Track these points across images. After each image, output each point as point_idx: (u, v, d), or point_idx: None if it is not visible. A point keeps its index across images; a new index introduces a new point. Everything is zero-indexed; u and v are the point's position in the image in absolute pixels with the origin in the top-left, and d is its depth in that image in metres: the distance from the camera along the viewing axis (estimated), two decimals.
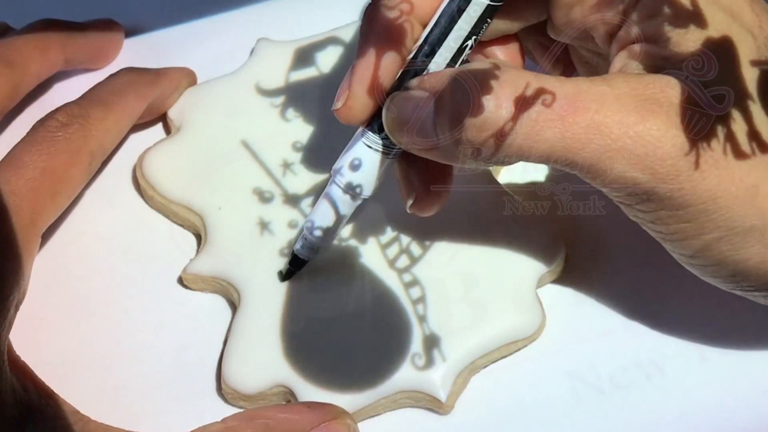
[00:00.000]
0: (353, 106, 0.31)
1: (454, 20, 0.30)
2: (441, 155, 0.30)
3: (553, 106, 0.28)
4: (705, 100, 0.28)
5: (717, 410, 0.34)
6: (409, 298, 0.35)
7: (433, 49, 0.31)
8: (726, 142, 0.28)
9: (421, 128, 0.30)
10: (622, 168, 0.28)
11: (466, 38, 0.30)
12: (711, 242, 0.30)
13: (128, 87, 0.38)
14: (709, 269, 0.31)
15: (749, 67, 0.30)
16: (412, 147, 0.31)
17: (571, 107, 0.28)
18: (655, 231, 0.31)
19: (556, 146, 0.28)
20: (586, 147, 0.28)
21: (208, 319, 0.36)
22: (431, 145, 0.30)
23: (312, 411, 0.32)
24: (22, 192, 0.34)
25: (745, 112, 0.29)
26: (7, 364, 0.31)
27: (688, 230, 0.29)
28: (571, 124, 0.28)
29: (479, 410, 0.34)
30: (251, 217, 0.37)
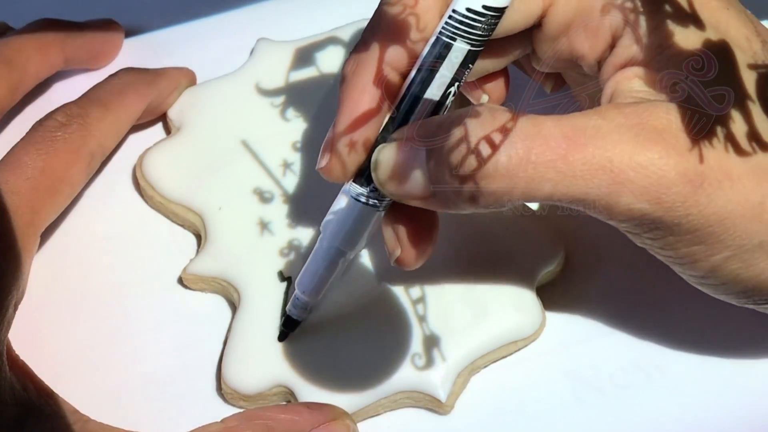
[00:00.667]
0: (338, 163, 0.30)
1: (436, 68, 0.29)
2: (437, 203, 0.29)
3: (551, 145, 0.28)
4: (705, 100, 0.28)
5: (717, 410, 0.34)
6: (409, 298, 0.35)
7: (417, 98, 0.30)
8: (726, 141, 0.28)
9: (414, 178, 0.29)
10: (628, 201, 0.28)
11: (449, 85, 0.29)
12: (721, 262, 0.29)
13: (128, 87, 0.38)
14: (720, 288, 0.31)
15: (747, 71, 0.30)
16: (405, 198, 0.30)
17: (569, 145, 0.28)
18: (663, 256, 0.30)
19: (558, 186, 0.28)
20: (589, 184, 0.28)
21: (208, 319, 0.36)
22: (426, 194, 0.29)
23: (312, 412, 0.32)
24: (22, 192, 0.34)
25: (745, 112, 0.29)
26: (6, 364, 0.31)
27: (697, 253, 0.29)
28: (572, 163, 0.28)
29: (479, 410, 0.34)
30: (251, 217, 0.37)
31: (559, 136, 0.28)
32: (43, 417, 0.31)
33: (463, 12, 0.29)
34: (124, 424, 0.32)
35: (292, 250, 0.36)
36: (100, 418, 0.32)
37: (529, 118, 0.28)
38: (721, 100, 0.28)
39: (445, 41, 0.29)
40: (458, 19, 0.29)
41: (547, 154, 0.28)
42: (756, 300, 0.31)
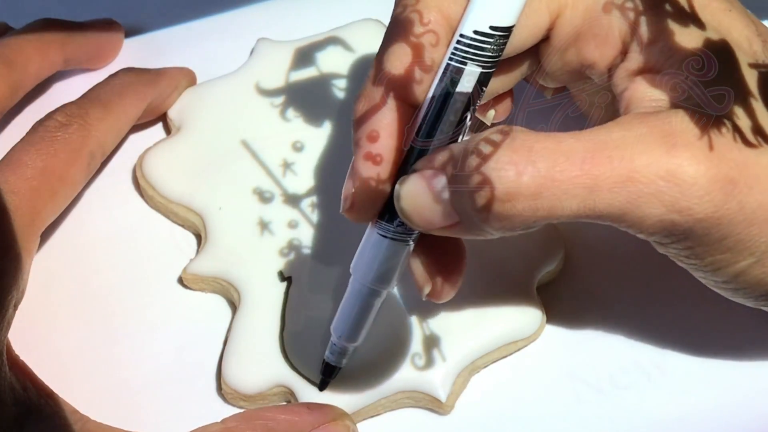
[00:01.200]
0: (362, 204, 0.30)
1: (450, 94, 0.29)
2: (462, 231, 0.29)
3: (574, 161, 0.27)
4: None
5: (717, 410, 0.34)
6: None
7: (434, 126, 0.29)
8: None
9: (436, 207, 0.28)
10: (659, 212, 0.27)
11: (464, 110, 0.29)
12: (745, 268, 0.29)
13: (128, 87, 0.38)
14: (740, 291, 0.31)
15: (749, 70, 0.29)
16: (429, 227, 0.29)
17: (593, 159, 0.27)
18: (687, 263, 0.30)
19: (585, 202, 0.27)
20: (617, 197, 0.27)
21: (208, 319, 0.36)
22: (450, 222, 0.28)
23: (312, 412, 0.32)
24: (22, 192, 0.34)
25: (748, 109, 0.29)
26: (6, 364, 0.31)
27: (723, 261, 0.29)
28: (597, 177, 0.27)
29: (479, 410, 0.34)
30: (251, 217, 0.37)
31: (581, 151, 0.27)
32: (43, 417, 0.31)
33: (471, 35, 0.29)
34: (124, 424, 0.32)
35: (292, 250, 0.36)
36: (100, 418, 0.32)
37: (549, 135, 0.28)
38: (721, 100, 0.28)
39: (456, 66, 0.29)
40: (466, 43, 0.29)
41: (570, 170, 0.27)
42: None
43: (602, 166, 0.27)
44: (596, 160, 0.27)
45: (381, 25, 0.42)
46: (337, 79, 0.40)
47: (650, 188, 0.27)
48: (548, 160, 0.27)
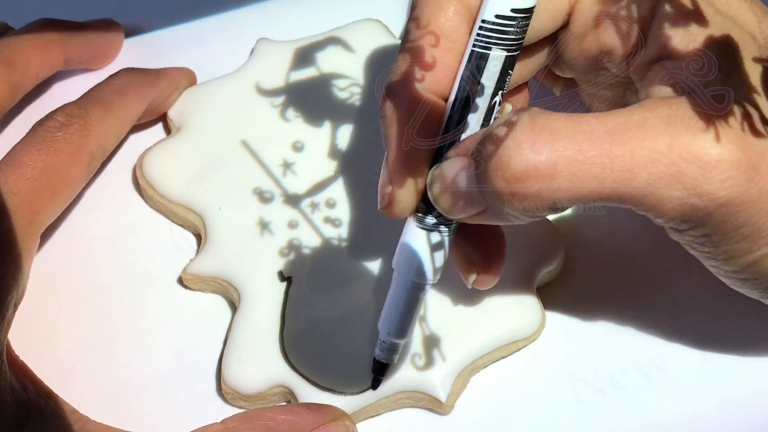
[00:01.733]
0: (399, 200, 0.30)
1: (477, 80, 0.29)
2: (492, 216, 0.29)
3: (595, 141, 0.27)
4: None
5: (717, 410, 0.34)
6: None
7: (463, 115, 0.29)
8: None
9: (467, 193, 0.28)
10: (680, 195, 0.27)
11: (493, 95, 0.29)
12: (759, 258, 0.29)
13: (128, 87, 0.38)
14: (749, 282, 0.30)
15: (753, 65, 0.29)
16: (462, 216, 0.29)
17: (614, 140, 0.27)
18: (701, 251, 0.30)
19: (604, 182, 0.27)
20: (637, 177, 0.27)
21: (208, 319, 0.36)
22: (480, 208, 0.29)
23: (312, 413, 0.32)
24: (22, 192, 0.34)
25: (752, 104, 0.28)
26: (6, 364, 0.31)
27: (737, 250, 0.29)
28: (618, 157, 0.27)
29: (479, 410, 0.34)
30: (251, 217, 0.37)
31: (602, 132, 0.27)
32: (42, 417, 0.31)
33: (493, 20, 0.29)
34: (124, 424, 0.32)
35: (292, 250, 0.36)
36: (100, 418, 0.32)
37: (569, 116, 0.27)
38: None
39: (480, 52, 0.29)
40: (489, 28, 0.29)
41: (590, 150, 0.27)
42: None
43: (623, 146, 0.27)
44: (617, 141, 0.27)
45: (381, 25, 0.42)
46: (337, 79, 0.40)
47: (672, 170, 0.27)
48: (567, 139, 0.27)
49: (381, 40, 0.42)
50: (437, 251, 0.31)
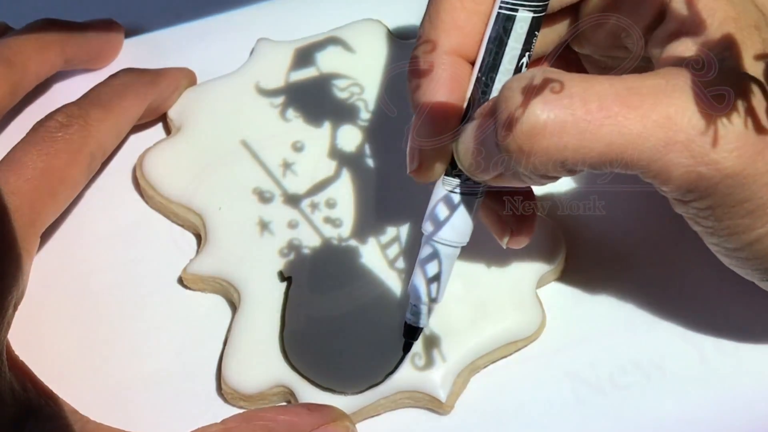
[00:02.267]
0: (428, 162, 0.30)
1: (504, 42, 0.29)
2: (509, 177, 0.29)
3: (606, 103, 0.27)
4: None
5: (717, 410, 0.34)
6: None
7: (490, 77, 0.30)
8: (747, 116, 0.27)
9: (488, 154, 0.29)
10: (687, 163, 0.27)
11: (520, 56, 0.30)
12: (761, 236, 0.29)
13: (128, 87, 0.38)
14: (750, 262, 0.30)
15: (754, 61, 0.29)
16: (484, 175, 0.29)
17: (625, 102, 0.27)
18: (704, 226, 0.30)
19: (613, 144, 0.27)
20: (645, 142, 0.27)
21: (208, 319, 0.36)
22: (500, 169, 0.29)
23: (311, 413, 0.32)
24: (22, 192, 0.34)
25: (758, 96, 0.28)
26: (6, 364, 0.31)
27: (740, 225, 0.29)
28: (628, 120, 0.27)
29: (479, 410, 0.34)
30: (251, 217, 0.37)
31: (613, 94, 0.27)
32: (43, 417, 0.31)
33: None
34: (124, 424, 0.32)
35: (292, 250, 0.36)
36: (100, 418, 0.32)
37: (584, 77, 0.28)
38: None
39: (507, 14, 0.29)
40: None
41: (600, 111, 0.27)
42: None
43: (634, 110, 0.27)
44: (628, 104, 0.27)
45: (381, 25, 0.42)
46: (337, 79, 0.40)
47: (680, 136, 0.27)
48: (578, 98, 0.27)
49: (381, 40, 0.42)
50: (466, 214, 0.31)
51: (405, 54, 0.41)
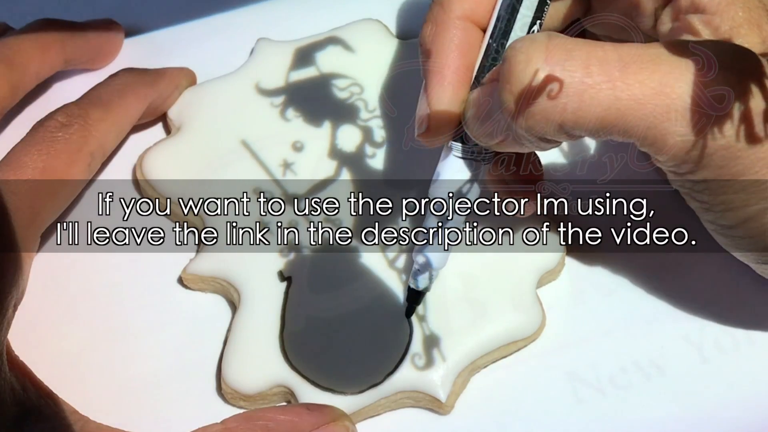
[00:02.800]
0: (437, 126, 0.31)
1: (516, 9, 0.30)
2: (513, 142, 0.29)
3: (607, 68, 0.27)
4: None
5: (717, 410, 0.34)
6: None
7: (501, 44, 0.30)
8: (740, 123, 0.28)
9: (491, 118, 0.29)
10: (683, 131, 0.27)
11: (531, 24, 0.30)
12: (755, 213, 0.29)
13: (128, 87, 0.38)
14: (745, 241, 0.30)
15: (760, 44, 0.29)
16: (489, 140, 0.30)
17: (626, 68, 0.27)
18: (699, 200, 0.30)
19: (610, 108, 0.27)
20: (643, 108, 0.27)
21: (208, 319, 0.36)
22: (504, 134, 0.29)
23: (311, 413, 0.32)
24: (22, 192, 0.34)
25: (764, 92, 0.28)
26: (6, 364, 0.31)
27: (735, 201, 0.29)
28: (627, 85, 0.27)
29: (479, 410, 0.34)
30: (251, 217, 0.37)
31: (616, 60, 0.27)
32: (42, 417, 0.31)
33: None
34: (124, 424, 0.32)
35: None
36: (100, 418, 0.32)
37: (586, 42, 0.28)
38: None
39: None
40: None
41: (601, 75, 0.27)
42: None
43: (634, 76, 0.27)
44: (628, 70, 0.27)
45: (381, 25, 0.42)
46: (337, 79, 0.40)
47: (677, 104, 0.27)
48: (580, 61, 0.27)
49: (381, 40, 0.42)
50: (473, 180, 0.32)
51: (405, 54, 0.41)
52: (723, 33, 0.30)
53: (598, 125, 0.27)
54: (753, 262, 0.32)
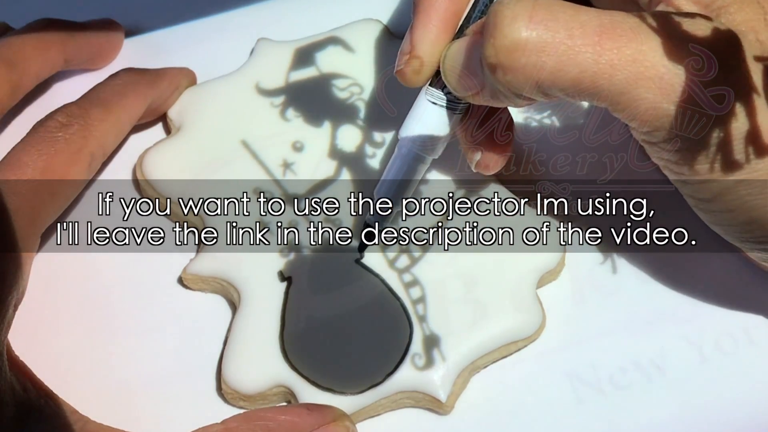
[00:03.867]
0: (415, 65, 0.32)
1: None
2: (488, 95, 0.30)
3: (587, 31, 0.28)
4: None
5: (717, 410, 0.34)
6: (409, 298, 0.35)
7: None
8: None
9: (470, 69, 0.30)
10: (655, 98, 0.28)
11: None
12: (732, 185, 0.29)
13: (128, 87, 0.38)
14: (725, 216, 0.31)
15: (753, 62, 0.29)
16: (464, 91, 0.30)
17: (605, 34, 0.28)
18: (676, 172, 0.30)
19: (587, 71, 0.28)
20: (617, 73, 0.28)
21: (208, 319, 0.36)
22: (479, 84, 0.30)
23: (311, 413, 0.32)
24: (22, 192, 0.34)
25: (749, 107, 0.29)
26: (6, 364, 0.31)
27: (712, 170, 0.29)
28: (604, 50, 0.28)
29: (479, 410, 0.34)
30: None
31: (596, 24, 0.28)
32: (43, 417, 0.31)
33: None
34: (124, 424, 0.32)
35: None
36: (100, 418, 0.32)
37: (571, 5, 0.29)
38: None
39: None
40: None
41: (581, 38, 0.28)
42: (758, 236, 0.31)
43: (612, 41, 0.28)
44: (608, 35, 0.28)
45: (381, 25, 0.42)
46: (337, 79, 0.40)
47: (651, 72, 0.28)
48: (563, 22, 0.28)
49: (381, 40, 0.42)
50: (443, 127, 0.32)
51: None
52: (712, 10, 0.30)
53: (573, 86, 0.29)
54: (737, 240, 0.32)
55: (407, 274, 0.36)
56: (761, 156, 0.29)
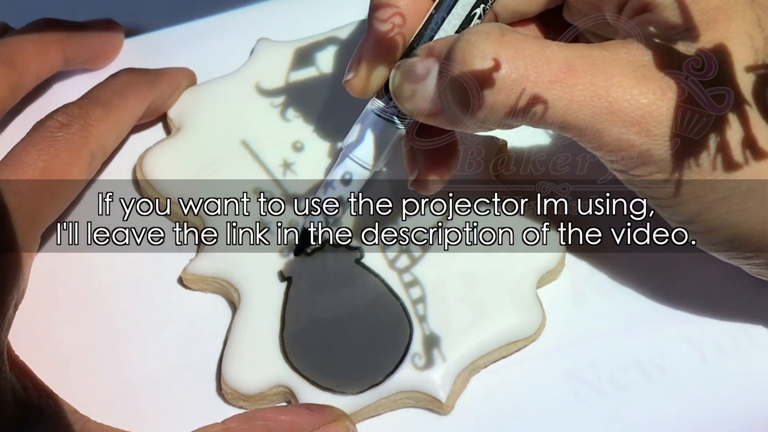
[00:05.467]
0: (362, 78, 0.32)
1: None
2: (445, 121, 0.30)
3: (552, 68, 0.28)
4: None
5: (717, 410, 0.34)
6: (409, 298, 0.35)
7: (442, 17, 0.31)
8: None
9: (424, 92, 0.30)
10: (618, 131, 0.29)
11: (475, 5, 0.31)
12: (708, 205, 0.30)
13: (128, 87, 0.38)
14: (707, 236, 0.31)
15: (744, 73, 0.29)
16: (415, 111, 0.31)
17: (569, 70, 0.28)
18: (651, 197, 0.31)
19: (552, 109, 0.29)
20: (583, 109, 0.29)
21: (208, 319, 0.36)
22: (434, 109, 0.30)
23: (312, 413, 0.32)
24: (22, 192, 0.34)
25: (742, 116, 0.29)
26: (6, 364, 0.31)
27: (684, 194, 0.30)
28: (570, 87, 0.28)
29: (479, 410, 0.34)
30: (251, 217, 0.37)
31: (561, 60, 0.29)
32: (43, 417, 0.31)
33: None
34: (124, 424, 0.32)
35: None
36: (100, 418, 0.32)
37: (536, 40, 0.29)
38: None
39: None
40: None
41: (546, 75, 0.28)
42: (744, 252, 0.31)
43: (576, 78, 0.28)
44: (572, 71, 0.28)
45: None
46: (338, 80, 0.40)
47: (615, 107, 0.28)
48: (528, 60, 0.28)
49: None
50: (386, 140, 0.32)
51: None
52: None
53: (538, 121, 0.29)
54: (724, 257, 0.32)
55: (407, 274, 0.36)
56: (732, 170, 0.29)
